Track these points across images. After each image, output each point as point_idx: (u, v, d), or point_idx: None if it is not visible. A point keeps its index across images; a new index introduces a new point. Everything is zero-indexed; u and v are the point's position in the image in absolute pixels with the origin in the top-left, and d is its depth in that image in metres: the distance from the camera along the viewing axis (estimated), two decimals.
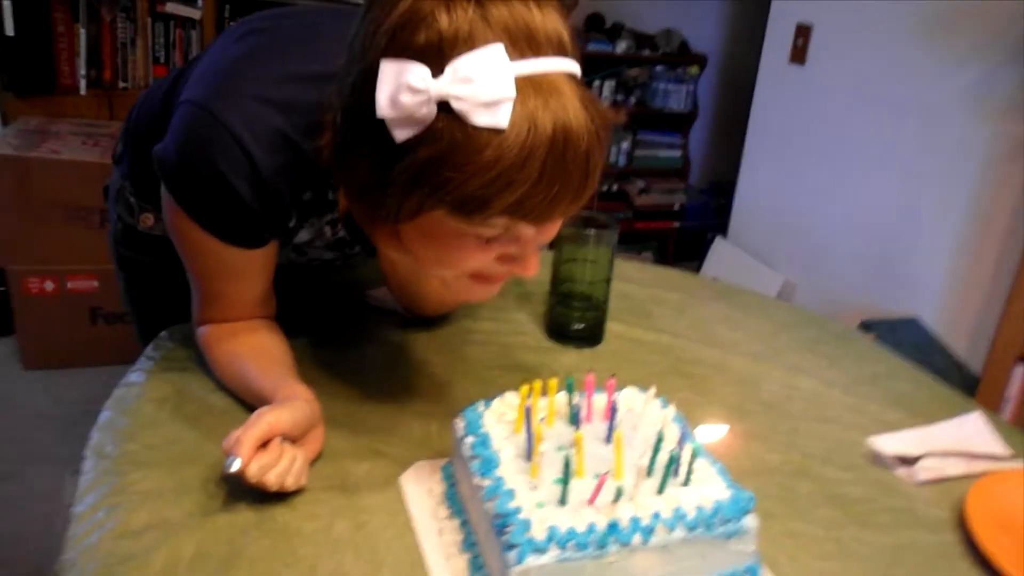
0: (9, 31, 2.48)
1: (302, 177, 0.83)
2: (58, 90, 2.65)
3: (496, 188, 0.64)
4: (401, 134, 0.65)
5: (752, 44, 3.58)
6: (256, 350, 0.91)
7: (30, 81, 2.60)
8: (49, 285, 2.45)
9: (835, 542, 0.78)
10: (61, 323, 2.48)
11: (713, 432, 0.94)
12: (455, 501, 0.73)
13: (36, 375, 2.47)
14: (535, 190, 0.65)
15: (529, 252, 0.74)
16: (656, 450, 0.68)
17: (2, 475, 2.05)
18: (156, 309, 1.18)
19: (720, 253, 3.03)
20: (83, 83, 2.67)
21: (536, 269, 0.75)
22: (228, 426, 0.83)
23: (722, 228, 3.14)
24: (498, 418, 0.74)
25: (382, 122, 0.66)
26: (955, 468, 0.91)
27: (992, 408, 1.89)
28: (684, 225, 3.82)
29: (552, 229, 0.75)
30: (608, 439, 0.72)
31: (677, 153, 3.77)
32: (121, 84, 2.76)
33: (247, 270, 0.90)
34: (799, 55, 2.63)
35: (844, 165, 2.53)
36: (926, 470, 0.90)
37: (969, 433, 0.97)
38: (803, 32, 2.62)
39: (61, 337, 2.50)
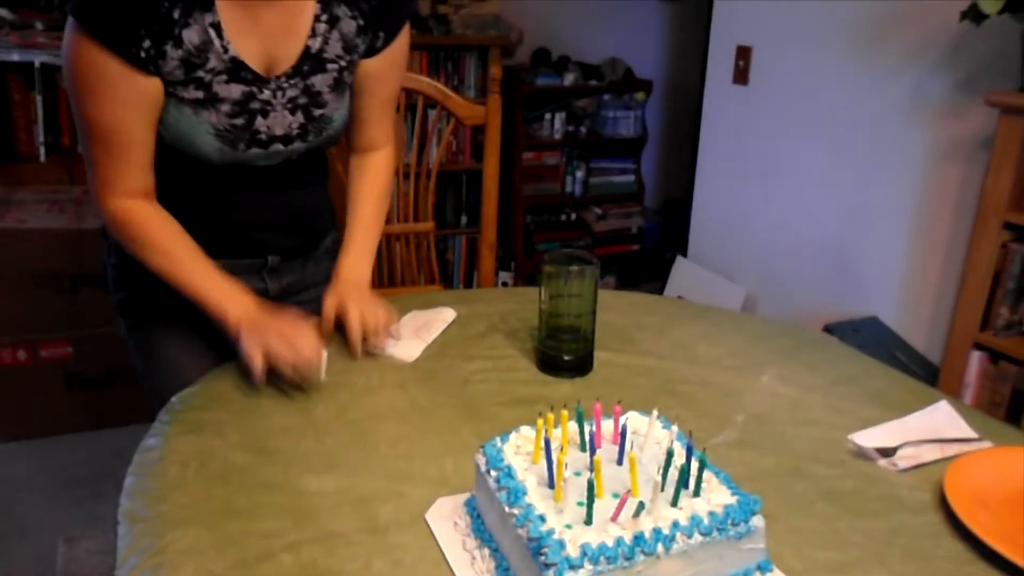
0: None
1: None
2: (17, 158, 2.66)
3: None
4: None
5: (695, 67, 3.73)
6: (179, 244, 1.14)
7: None
8: (22, 354, 2.44)
9: (833, 533, 0.84)
10: (36, 392, 2.47)
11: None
12: (482, 532, 0.78)
13: (13, 446, 2.45)
14: None
15: None
16: (667, 466, 0.74)
17: None
18: (161, 358, 1.23)
19: (682, 272, 3.12)
20: (42, 150, 2.68)
21: None
22: (254, 481, 0.88)
23: (680, 247, 3.25)
24: (516, 451, 0.79)
25: None
26: (931, 454, 0.99)
27: (953, 394, 2.00)
28: (643, 247, 3.92)
29: None
30: (620, 461, 0.78)
31: (631, 178, 3.88)
32: (79, 148, 2.77)
33: (133, 104, 1.06)
34: (741, 76, 2.76)
35: (794, 177, 2.64)
36: (905, 458, 0.98)
37: (940, 421, 1.06)
38: (743, 53, 2.74)
39: (37, 406, 2.48)
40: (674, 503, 0.71)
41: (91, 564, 1.93)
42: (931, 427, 1.04)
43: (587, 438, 0.79)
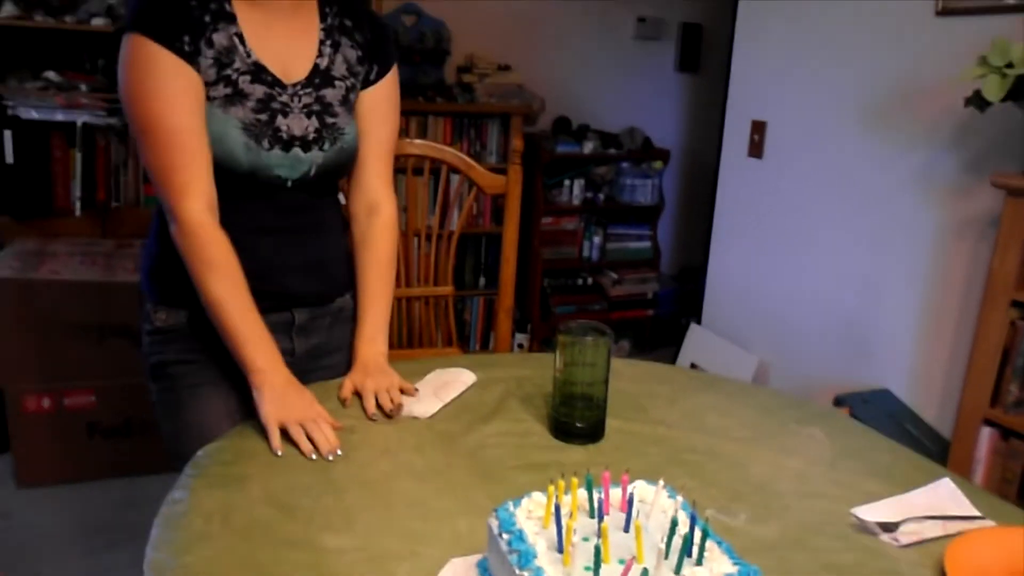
0: (9, 159, 2.60)
1: None
2: (53, 212, 2.76)
3: None
4: None
5: (711, 138, 3.82)
6: (242, 281, 1.22)
7: (27, 205, 2.71)
8: (46, 402, 2.50)
9: None
10: (58, 439, 2.52)
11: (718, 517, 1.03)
12: None
13: (33, 492, 2.49)
14: None
15: None
16: (671, 534, 0.77)
17: None
18: (191, 423, 1.28)
19: (696, 338, 3.16)
20: (77, 204, 2.78)
21: None
22: (276, 537, 0.92)
23: (695, 313, 3.29)
24: (527, 515, 0.83)
25: None
26: (932, 530, 1.01)
27: (965, 469, 2.01)
28: (658, 312, 3.97)
29: None
30: (627, 528, 0.82)
31: (647, 244, 3.95)
32: (113, 203, 2.88)
33: (186, 96, 1.19)
34: (756, 149, 2.83)
35: (807, 249, 2.69)
36: (907, 534, 1.00)
37: (942, 497, 1.08)
38: (758, 128, 2.82)
39: (58, 453, 2.53)
40: (677, 571, 0.74)
41: None
42: (934, 504, 1.07)
43: (596, 505, 0.83)
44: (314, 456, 1.10)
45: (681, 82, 4.11)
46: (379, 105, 1.41)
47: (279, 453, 1.10)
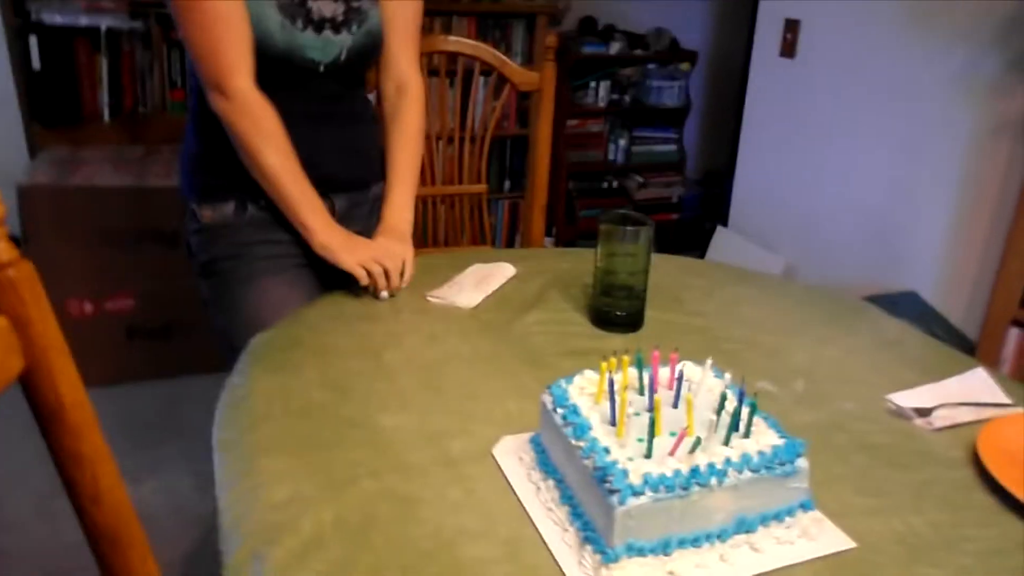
0: (36, 65, 2.59)
1: None
2: (82, 119, 2.77)
3: None
4: None
5: (740, 39, 3.73)
6: (292, 151, 1.29)
7: (56, 112, 2.71)
8: (88, 307, 2.56)
9: (869, 480, 0.91)
10: (100, 343, 2.59)
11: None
12: (547, 465, 0.86)
13: None
14: None
15: None
16: (720, 410, 0.80)
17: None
18: (245, 315, 1.32)
19: (722, 241, 3.16)
20: (106, 111, 2.78)
21: None
22: (335, 416, 0.97)
23: (720, 218, 3.28)
24: (579, 392, 0.86)
25: None
26: (966, 416, 1.04)
27: (991, 368, 2.03)
28: (683, 216, 3.96)
29: None
30: (675, 405, 0.85)
31: (673, 147, 3.91)
32: (140, 109, 2.88)
33: None
34: (788, 49, 2.77)
35: (838, 150, 2.66)
36: (941, 418, 1.03)
37: (976, 386, 1.11)
38: (791, 26, 2.75)
39: (100, 356, 2.61)
40: (726, 443, 0.78)
41: (156, 503, 2.05)
42: (967, 391, 1.09)
43: (646, 382, 0.86)
44: (384, 294, 1.27)
45: None
46: None
47: (381, 294, 1.27)
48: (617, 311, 1.21)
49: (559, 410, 0.83)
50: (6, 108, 2.72)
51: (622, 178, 3.88)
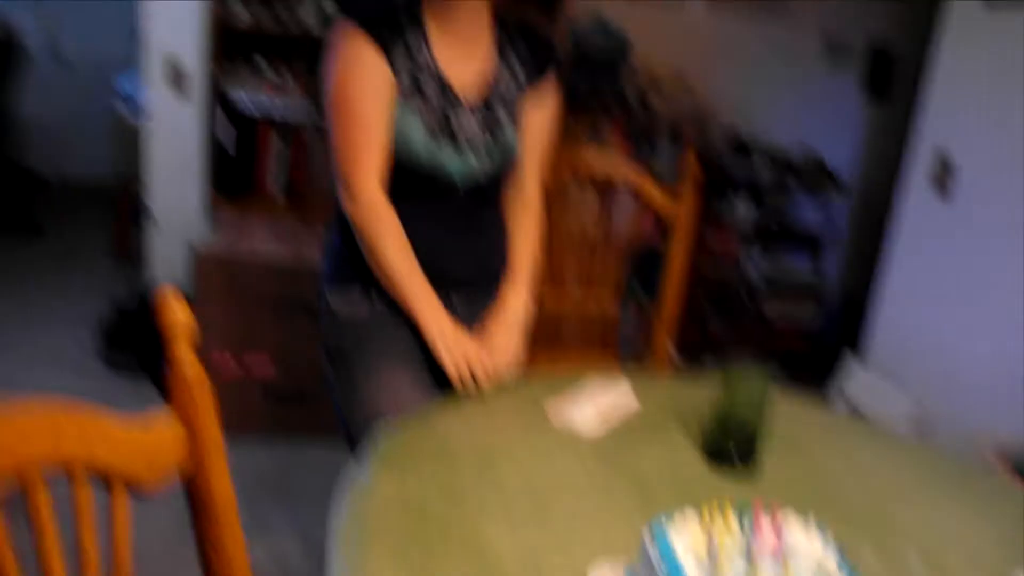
0: (231, 151, 2.90)
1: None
2: (256, 192, 3.04)
3: None
4: None
5: (889, 168, 3.67)
6: (413, 263, 1.40)
7: (235, 187, 3.00)
8: (231, 362, 2.75)
9: None
10: (236, 397, 2.76)
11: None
12: None
13: None
14: None
15: None
16: None
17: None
18: (365, 405, 1.41)
19: (852, 372, 3.06)
20: (278, 189, 3.05)
21: None
22: (443, 527, 1.01)
23: (854, 346, 3.18)
24: (679, 532, 0.88)
25: None
26: None
27: None
28: (817, 342, 3.85)
29: None
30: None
31: (811, 271, 3.84)
32: (307, 190, 3.13)
33: (379, 89, 1.35)
34: (941, 186, 2.70)
35: (987, 298, 2.55)
36: None
37: None
38: (945, 165, 2.69)
39: (235, 410, 2.76)
40: None
41: (268, 567, 2.14)
42: None
43: (746, 546, 0.86)
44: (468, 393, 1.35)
45: (862, 107, 3.96)
46: (538, 114, 1.53)
47: (468, 390, 1.37)
48: (730, 448, 1.22)
49: (656, 549, 0.85)
50: (192, 176, 3.04)
51: (756, 298, 3.83)
